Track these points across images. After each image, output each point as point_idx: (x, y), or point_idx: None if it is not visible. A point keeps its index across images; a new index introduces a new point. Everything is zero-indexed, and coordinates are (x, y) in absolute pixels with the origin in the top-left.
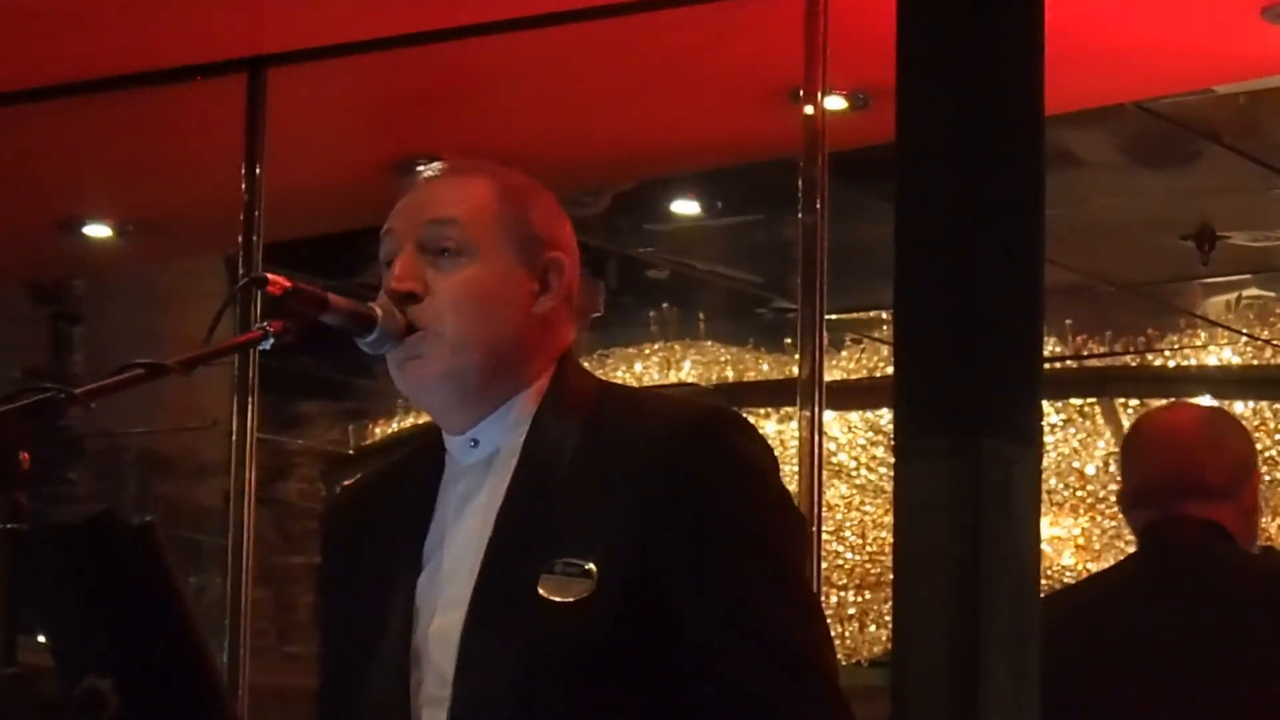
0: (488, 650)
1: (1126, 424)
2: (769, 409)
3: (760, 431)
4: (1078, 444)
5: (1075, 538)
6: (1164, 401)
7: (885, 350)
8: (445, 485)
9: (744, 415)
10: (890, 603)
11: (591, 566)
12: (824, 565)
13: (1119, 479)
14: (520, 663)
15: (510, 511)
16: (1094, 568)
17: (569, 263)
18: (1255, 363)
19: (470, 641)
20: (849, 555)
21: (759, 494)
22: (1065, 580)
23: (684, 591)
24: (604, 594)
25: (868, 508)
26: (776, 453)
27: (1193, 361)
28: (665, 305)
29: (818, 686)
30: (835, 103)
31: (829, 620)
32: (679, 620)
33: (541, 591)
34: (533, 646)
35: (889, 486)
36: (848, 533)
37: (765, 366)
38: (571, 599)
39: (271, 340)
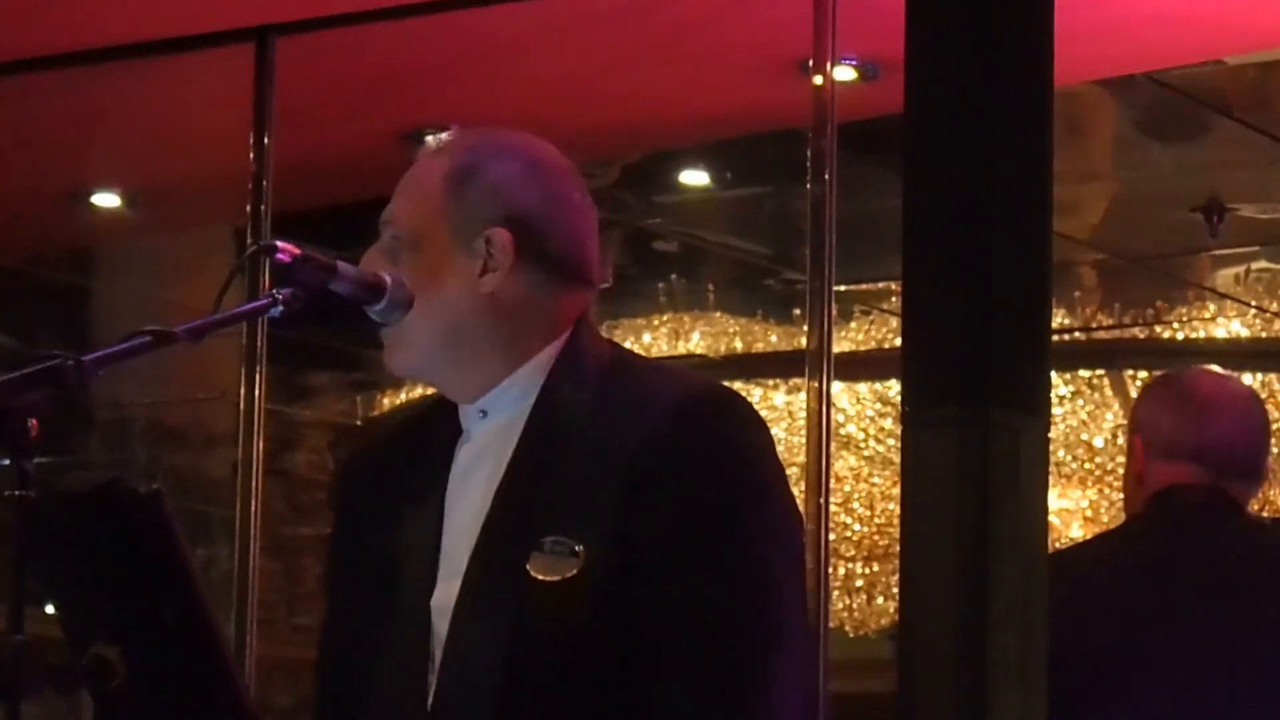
0: (477, 626)
1: (1135, 396)
2: (777, 380)
3: (759, 410)
4: (1086, 416)
5: (1083, 510)
6: None
7: (894, 321)
8: (460, 451)
9: (743, 395)
10: (898, 575)
11: (579, 547)
12: (832, 537)
13: (1140, 430)
14: (506, 641)
15: (507, 487)
16: None
17: (511, 236)
18: (1264, 335)
19: (461, 616)
20: (857, 527)
21: (741, 488)
22: None
23: (649, 583)
24: (590, 575)
25: (876, 479)
26: (785, 424)
27: (1201, 334)
28: (674, 276)
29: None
30: (844, 73)
31: (836, 592)
32: (640, 609)
33: (530, 570)
34: (519, 625)
35: (897, 458)
36: (856, 504)
37: (774, 338)
38: (557, 578)
39: (280, 308)
